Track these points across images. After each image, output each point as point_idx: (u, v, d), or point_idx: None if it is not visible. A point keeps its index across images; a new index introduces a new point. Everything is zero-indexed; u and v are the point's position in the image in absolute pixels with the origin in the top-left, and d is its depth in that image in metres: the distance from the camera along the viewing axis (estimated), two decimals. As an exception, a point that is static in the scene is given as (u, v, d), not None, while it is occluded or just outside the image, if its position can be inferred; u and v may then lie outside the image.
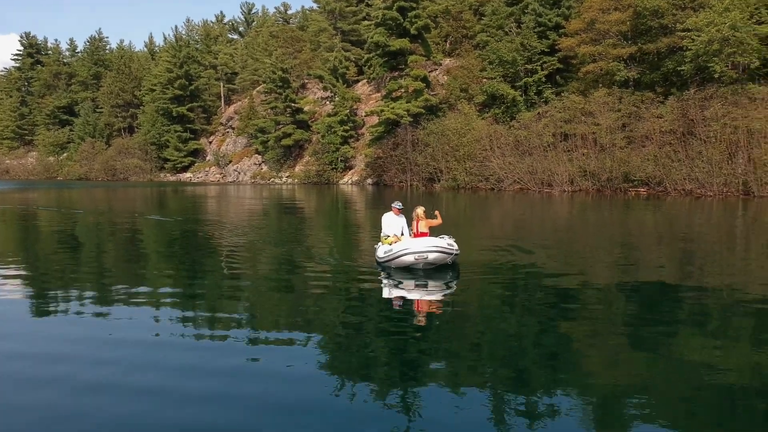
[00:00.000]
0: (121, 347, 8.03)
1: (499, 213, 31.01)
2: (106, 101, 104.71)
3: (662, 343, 8.07)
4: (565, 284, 11.82)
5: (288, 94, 75.18)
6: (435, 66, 66.38)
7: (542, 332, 8.65)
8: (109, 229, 23.97)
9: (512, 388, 6.52)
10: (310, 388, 6.62)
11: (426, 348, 8.07)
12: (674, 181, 39.19)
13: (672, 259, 15.40)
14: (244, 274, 13.57)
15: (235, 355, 7.70)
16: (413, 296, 11.08)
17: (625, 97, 44.45)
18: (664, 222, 25.06)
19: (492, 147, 49.77)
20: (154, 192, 56.30)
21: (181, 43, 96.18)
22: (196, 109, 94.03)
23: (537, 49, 51.84)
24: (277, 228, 24.20)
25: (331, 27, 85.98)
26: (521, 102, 52.11)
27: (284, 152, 77.49)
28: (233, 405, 6.11)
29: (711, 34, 37.50)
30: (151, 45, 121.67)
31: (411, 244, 12.39)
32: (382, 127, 60.87)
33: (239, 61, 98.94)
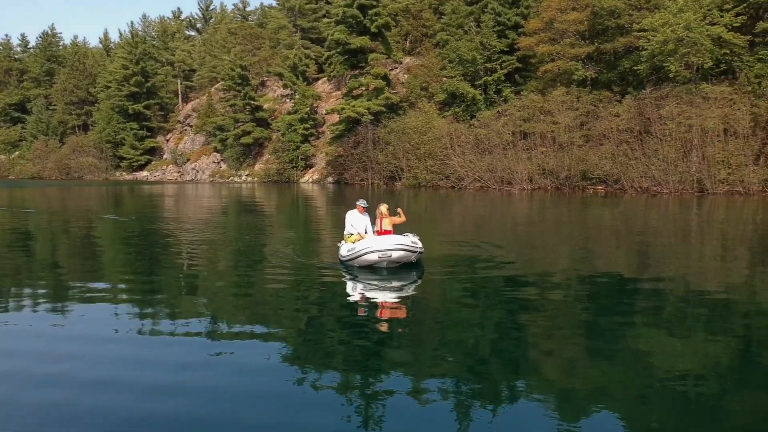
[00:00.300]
0: (76, 343, 8.00)
1: (460, 211, 31.08)
2: (59, 98, 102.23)
3: (620, 337, 8.19)
4: (525, 281, 11.95)
5: (247, 92, 74.39)
6: (395, 64, 66.38)
7: (503, 328, 8.73)
8: (63, 228, 23.32)
9: (474, 383, 6.58)
10: (271, 381, 6.65)
11: (388, 343, 8.09)
12: (631, 179, 39.82)
13: (629, 255, 15.64)
14: (202, 273, 13.27)
15: (192, 350, 7.68)
16: (377, 294, 10.96)
17: (582, 96, 45.01)
18: (621, 219, 25.41)
19: (452, 145, 49.95)
20: (110, 191, 55.10)
21: (137, 40, 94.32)
22: (152, 106, 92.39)
23: (496, 48, 52.14)
24: (236, 227, 23.84)
25: (291, 24, 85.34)
26: (481, 101, 52.37)
27: (244, 150, 76.64)
28: (190, 397, 6.14)
29: (666, 35, 38.15)
30: (106, 41, 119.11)
31: (374, 242, 12.19)
32: (342, 126, 60.64)
33: (197, 58, 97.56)
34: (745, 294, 11.12)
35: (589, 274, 12.72)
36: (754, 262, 14.73)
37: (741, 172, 36.18)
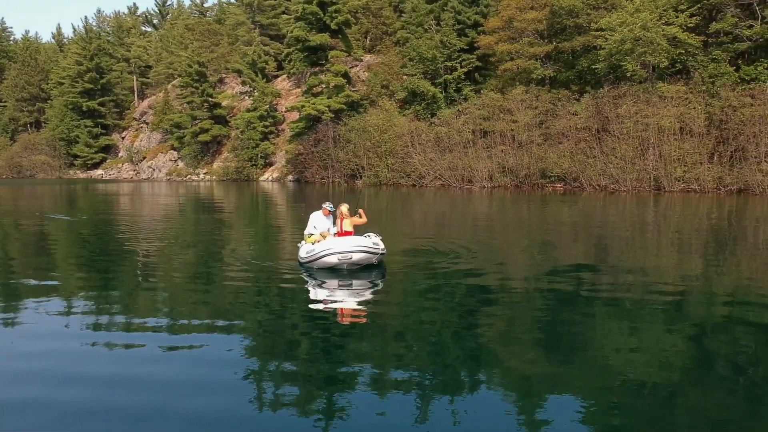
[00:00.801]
0: (28, 340, 7.95)
1: (421, 209, 30.99)
2: (10, 95, 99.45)
3: (579, 330, 8.36)
4: (485, 280, 11.89)
5: (205, 89, 73.27)
6: (356, 62, 66.10)
7: (464, 328, 8.69)
8: (12, 228, 22.52)
9: (434, 377, 6.61)
10: (228, 375, 6.61)
11: (349, 345, 7.99)
12: (589, 177, 40.23)
13: (587, 250, 15.81)
14: (156, 273, 12.83)
15: (145, 346, 7.64)
16: (337, 296, 10.72)
17: (542, 94, 45.36)
18: (580, 217, 25.63)
19: (413, 143, 49.90)
20: (63, 190, 53.71)
21: (91, 35, 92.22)
22: (107, 103, 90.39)
23: (456, 46, 52.25)
24: (193, 227, 23.35)
25: (250, 20, 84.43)
26: (441, 99, 52.43)
27: (201, 148, 75.48)
28: (144, 391, 6.15)
29: (623, 34, 38.60)
30: (59, 36, 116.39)
31: (334, 243, 11.88)
32: (302, 123, 60.18)
33: (153, 55, 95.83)
34: (700, 286, 11.40)
35: (548, 269, 12.84)
36: (708, 256, 15.03)
37: (696, 170, 36.83)
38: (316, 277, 11.65)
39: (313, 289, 11.03)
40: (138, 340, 7.95)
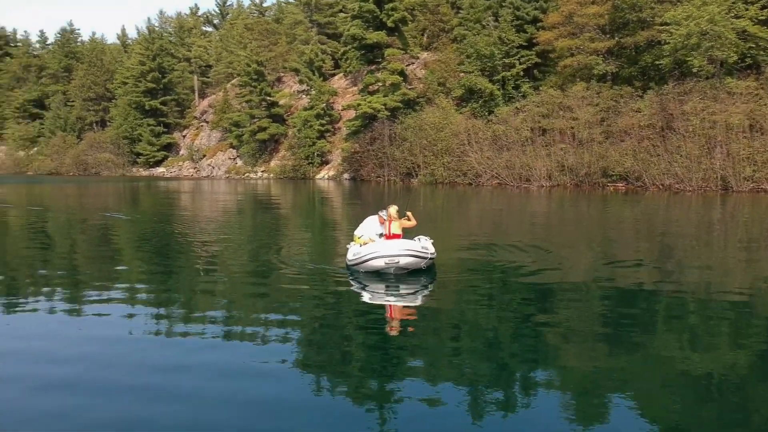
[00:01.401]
0: (89, 344, 7.98)
1: (477, 209, 30.54)
2: (77, 94, 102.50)
3: (640, 338, 8.03)
4: (543, 281, 11.63)
5: (263, 88, 74.02)
6: (412, 60, 65.68)
7: (521, 330, 8.53)
8: (80, 227, 23.05)
9: (490, 385, 6.45)
10: (284, 385, 6.54)
11: (402, 347, 7.94)
12: (653, 176, 38.95)
13: (650, 254, 15.20)
14: (213, 276, 12.82)
15: (202, 352, 7.62)
16: (385, 299, 10.51)
17: (603, 91, 44.15)
18: (643, 217, 24.84)
19: (470, 142, 49.30)
20: (127, 188, 55.06)
21: (154, 36, 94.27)
22: (169, 102, 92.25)
23: (515, 42, 51.40)
24: (251, 226, 23.47)
25: (307, 19, 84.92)
26: (499, 96, 51.64)
27: (259, 146, 76.31)
28: (204, 400, 6.08)
29: (689, 28, 37.26)
30: (123, 37, 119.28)
31: (381, 247, 11.52)
32: (359, 122, 60.17)
33: (213, 54, 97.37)
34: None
35: (609, 269, 12.50)
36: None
37: (767, 169, 35.24)
38: (362, 281, 11.38)
39: (361, 292, 10.81)
40: (187, 346, 7.97)
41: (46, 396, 6.27)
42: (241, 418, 5.70)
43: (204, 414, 5.80)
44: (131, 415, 5.77)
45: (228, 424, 5.58)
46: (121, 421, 5.65)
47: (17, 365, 7.26)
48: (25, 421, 5.70)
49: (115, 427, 5.57)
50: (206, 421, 5.66)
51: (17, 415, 5.85)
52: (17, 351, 7.76)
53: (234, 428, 5.53)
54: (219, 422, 5.62)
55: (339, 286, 11.43)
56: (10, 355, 7.63)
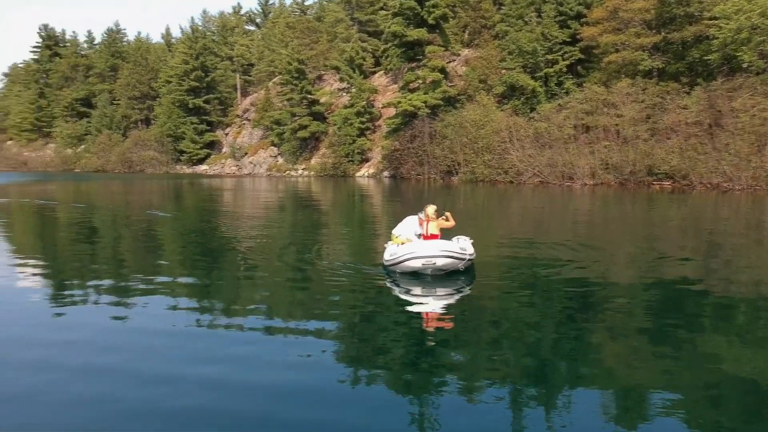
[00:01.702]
0: (136, 335, 8.27)
1: (518, 207, 30.16)
2: (123, 93, 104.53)
3: (686, 341, 7.86)
4: (586, 281, 11.48)
5: (304, 86, 74.38)
6: (453, 56, 65.24)
7: (563, 330, 8.42)
8: (124, 223, 23.39)
9: (532, 386, 6.39)
10: (323, 379, 6.61)
11: (438, 346, 7.92)
12: (700, 175, 37.91)
13: (697, 255, 14.83)
14: (252, 274, 12.82)
15: (245, 345, 7.82)
16: (422, 299, 10.34)
17: (649, 87, 43.17)
18: (690, 217, 24.28)
19: (511, 139, 48.70)
20: (170, 185, 55.87)
21: (197, 35, 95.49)
22: (212, 101, 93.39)
23: (558, 38, 50.65)
24: (291, 224, 23.49)
25: (348, 17, 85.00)
26: (541, 93, 50.92)
27: (300, 144, 76.73)
28: (246, 392, 6.21)
29: (739, 22, 36.20)
30: (167, 37, 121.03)
31: (418, 247, 11.29)
32: (399, 119, 59.99)
33: (256, 53, 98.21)
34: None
35: (654, 275, 12.06)
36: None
37: (820, 167, 34.06)
38: (398, 282, 11.20)
39: (397, 293, 10.64)
40: (231, 339, 8.19)
41: (90, 383, 6.47)
42: (276, 409, 5.82)
43: (240, 404, 5.90)
44: (173, 405, 5.93)
45: (265, 412, 5.74)
46: (164, 412, 5.80)
47: (63, 354, 7.49)
48: (67, 406, 5.97)
49: (157, 416, 5.73)
50: (245, 411, 5.76)
51: (60, 400, 6.10)
52: (64, 341, 8.00)
53: (272, 418, 5.68)
54: (257, 411, 5.79)
55: (375, 286, 11.28)
56: (56, 345, 7.85)
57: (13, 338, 8.32)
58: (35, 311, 9.64)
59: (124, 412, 5.82)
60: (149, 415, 5.77)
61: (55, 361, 7.24)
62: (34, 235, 20.64)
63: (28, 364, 7.18)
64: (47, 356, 7.41)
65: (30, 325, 8.90)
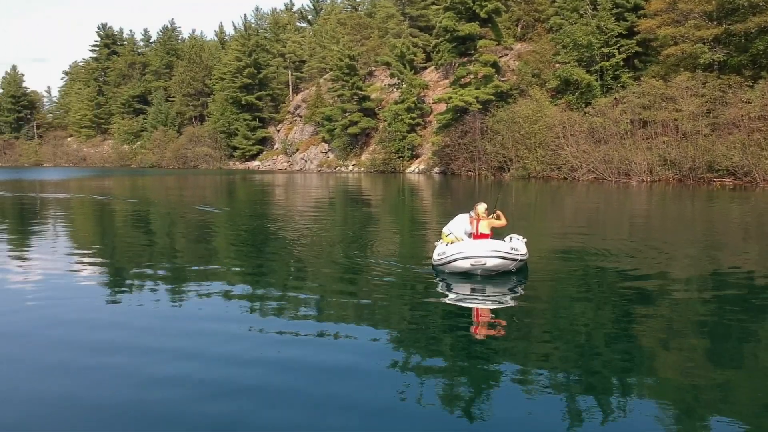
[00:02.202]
0: (186, 336, 8.20)
1: (572, 205, 29.44)
2: (177, 90, 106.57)
3: (747, 349, 7.48)
4: (642, 283, 10.91)
5: (355, 82, 74.43)
6: (506, 51, 64.37)
7: (616, 332, 8.19)
8: (175, 219, 23.64)
9: (584, 390, 6.19)
10: (368, 384, 6.46)
11: (487, 349, 7.65)
12: (764, 171, 36.44)
13: (760, 257, 14.03)
14: (300, 272, 12.64)
15: (287, 347, 7.65)
16: (471, 301, 9.95)
17: (709, 81, 41.62)
18: (753, 215, 23.30)
19: (565, 135, 47.74)
20: (223, 180, 56.58)
21: (250, 32, 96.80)
22: (264, 97, 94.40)
23: (614, 31, 49.43)
24: (341, 222, 23.34)
25: (399, 13, 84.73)
26: (597, 87, 49.77)
27: (351, 140, 76.85)
28: (286, 396, 6.10)
29: (808, 12, 34.63)
30: (221, 34, 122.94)
31: (467, 247, 10.83)
32: (449, 115, 59.50)
33: (307, 49, 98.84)
34: None
35: (714, 273, 11.66)
36: None
37: None
38: (447, 282, 10.82)
39: (446, 293, 10.31)
40: (278, 328, 8.34)
41: (142, 385, 6.40)
42: (324, 414, 5.69)
43: (284, 410, 5.80)
44: (211, 407, 5.84)
45: (310, 417, 5.63)
46: (207, 413, 5.73)
47: (107, 351, 7.45)
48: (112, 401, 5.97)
49: (201, 415, 5.70)
50: (290, 417, 5.64)
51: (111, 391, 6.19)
52: (108, 339, 7.97)
53: (329, 402, 5.82)
54: (304, 415, 5.67)
55: (423, 286, 10.95)
56: (103, 341, 7.87)
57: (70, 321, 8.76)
58: (86, 303, 9.84)
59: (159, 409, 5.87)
60: (193, 414, 5.73)
61: (94, 362, 7.20)
62: (82, 229, 20.95)
63: (67, 362, 7.15)
64: (94, 355, 7.41)
65: (81, 317, 9.03)
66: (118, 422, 5.57)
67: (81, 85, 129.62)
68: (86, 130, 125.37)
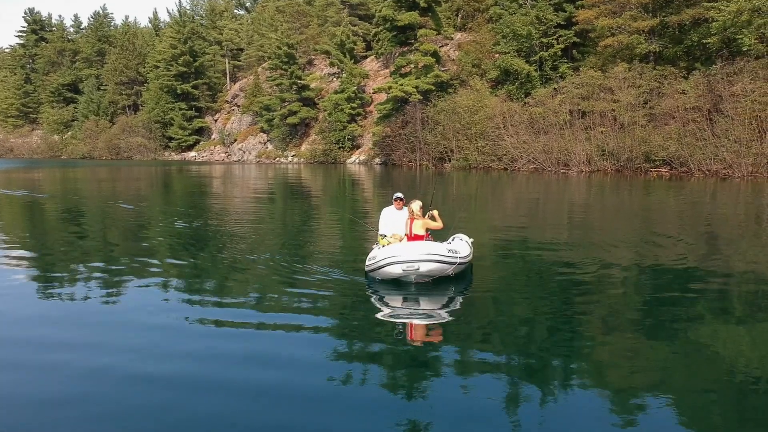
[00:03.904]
0: (123, 332, 7.94)
1: (512, 195, 29.24)
2: (110, 78, 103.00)
3: (683, 333, 7.63)
4: (581, 272, 11.01)
5: (294, 71, 73.11)
6: (446, 41, 64.14)
7: (557, 322, 8.13)
8: (95, 213, 22.30)
9: (525, 378, 6.21)
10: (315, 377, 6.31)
11: (435, 337, 7.67)
12: (699, 162, 37.09)
13: (695, 245, 14.31)
14: (226, 275, 11.66)
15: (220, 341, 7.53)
16: (403, 312, 8.96)
17: (646, 72, 42.17)
18: (688, 205, 23.55)
19: (505, 125, 47.73)
20: (159, 172, 54.64)
21: (185, 18, 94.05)
22: (201, 86, 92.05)
23: (553, 22, 49.63)
24: (278, 218, 22.42)
25: (339, 1, 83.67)
26: (536, 78, 49.95)
27: (290, 131, 75.57)
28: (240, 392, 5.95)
29: (740, 4, 35.24)
30: (155, 21, 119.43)
31: (398, 251, 9.62)
32: (390, 105, 58.97)
33: (245, 37, 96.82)
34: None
35: (651, 267, 11.46)
36: None
37: (823, 154, 33.22)
38: (379, 292, 9.67)
39: (376, 306, 9.13)
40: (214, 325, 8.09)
41: (81, 383, 6.27)
42: (266, 405, 5.68)
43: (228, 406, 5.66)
44: (150, 401, 5.79)
45: (254, 411, 5.56)
46: (143, 408, 5.66)
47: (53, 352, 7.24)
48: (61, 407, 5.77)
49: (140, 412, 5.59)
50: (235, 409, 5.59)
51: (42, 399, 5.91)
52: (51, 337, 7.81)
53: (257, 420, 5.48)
54: (247, 410, 5.59)
55: (353, 296, 9.67)
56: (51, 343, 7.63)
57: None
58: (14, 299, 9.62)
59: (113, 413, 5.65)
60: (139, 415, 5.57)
61: (38, 360, 7.02)
62: (8, 227, 19.49)
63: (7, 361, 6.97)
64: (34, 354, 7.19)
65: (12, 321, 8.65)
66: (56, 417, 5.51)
67: (7, 72, 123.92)
68: (13, 119, 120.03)
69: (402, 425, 5.24)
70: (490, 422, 5.26)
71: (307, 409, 5.54)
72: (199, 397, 5.80)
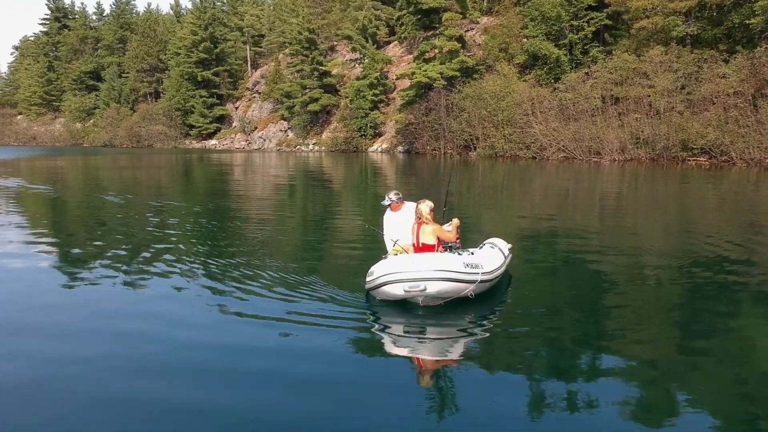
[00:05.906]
0: (139, 322, 7.60)
1: (541, 185, 27.69)
2: (131, 66, 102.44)
3: (721, 332, 7.11)
4: (614, 266, 10.40)
5: (315, 57, 71.67)
6: (472, 25, 62.25)
7: (587, 318, 7.60)
8: (103, 206, 21.06)
9: (553, 375, 5.84)
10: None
11: (457, 331, 7.23)
12: (741, 150, 35.06)
13: (737, 239, 13.13)
14: (224, 289, 10.20)
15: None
16: (407, 345, 6.99)
17: (683, 55, 40.12)
18: (729, 196, 22.15)
19: (534, 111, 45.93)
20: (177, 160, 53.57)
21: (206, 5, 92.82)
22: (221, 73, 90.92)
23: (584, 3, 47.75)
24: (301, 211, 20.99)
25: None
26: (566, 62, 48.12)
27: (311, 118, 74.23)
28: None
29: (787, -18, 33.08)
30: (176, 7, 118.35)
31: (399, 266, 7.44)
32: (413, 91, 57.42)
33: (266, 23, 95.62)
34: None
35: (688, 261, 10.68)
36: None
37: None
38: (377, 314, 7.63)
39: (375, 335, 7.11)
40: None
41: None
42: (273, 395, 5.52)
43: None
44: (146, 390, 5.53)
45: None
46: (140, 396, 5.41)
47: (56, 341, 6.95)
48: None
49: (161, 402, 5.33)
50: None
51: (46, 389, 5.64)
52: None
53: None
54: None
55: (352, 320, 7.50)
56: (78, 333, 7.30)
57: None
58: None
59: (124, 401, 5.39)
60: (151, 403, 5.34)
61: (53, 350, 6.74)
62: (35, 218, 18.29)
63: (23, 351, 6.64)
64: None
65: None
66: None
67: (31, 60, 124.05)
68: (36, 107, 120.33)
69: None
70: (521, 421, 4.96)
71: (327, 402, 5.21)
72: (209, 388, 5.56)
